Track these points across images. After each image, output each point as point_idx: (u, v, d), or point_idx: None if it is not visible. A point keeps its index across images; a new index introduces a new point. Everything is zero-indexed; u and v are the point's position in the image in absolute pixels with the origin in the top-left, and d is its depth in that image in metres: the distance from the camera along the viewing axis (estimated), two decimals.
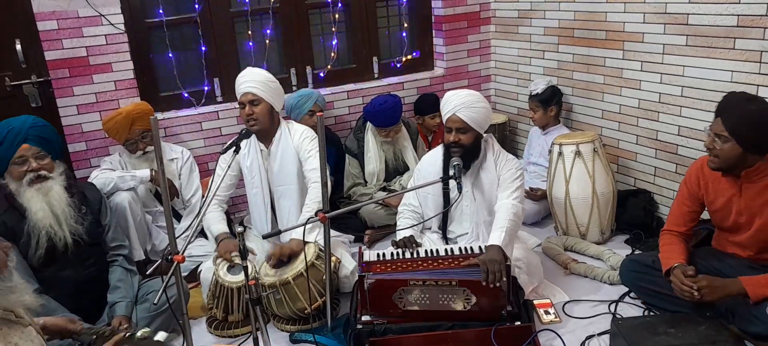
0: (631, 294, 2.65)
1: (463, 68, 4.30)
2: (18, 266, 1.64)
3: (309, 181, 2.78)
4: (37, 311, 1.66)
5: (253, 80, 2.78)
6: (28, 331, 1.56)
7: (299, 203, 2.86)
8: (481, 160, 2.70)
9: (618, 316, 2.51)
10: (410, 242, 2.60)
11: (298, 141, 2.86)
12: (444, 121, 2.65)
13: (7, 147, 2.31)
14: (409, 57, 4.26)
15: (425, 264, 2.42)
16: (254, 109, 2.77)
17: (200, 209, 2.28)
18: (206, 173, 3.59)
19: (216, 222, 2.79)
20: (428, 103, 3.92)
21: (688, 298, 2.18)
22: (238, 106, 2.85)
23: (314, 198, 2.68)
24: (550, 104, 3.62)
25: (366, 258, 2.51)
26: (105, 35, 3.29)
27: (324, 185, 2.31)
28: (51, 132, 2.43)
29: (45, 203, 2.32)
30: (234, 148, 2.41)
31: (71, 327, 1.99)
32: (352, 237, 3.32)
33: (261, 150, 2.88)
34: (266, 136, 2.87)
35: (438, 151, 2.79)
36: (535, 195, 3.47)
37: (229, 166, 2.76)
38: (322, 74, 3.98)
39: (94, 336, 1.96)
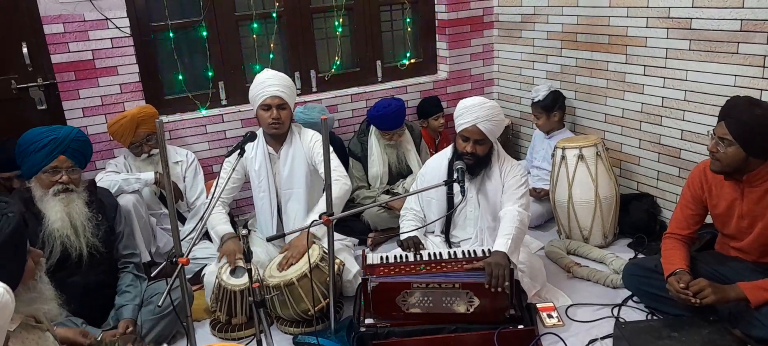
0: (634, 298, 2.65)
1: (466, 72, 4.31)
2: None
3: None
4: (56, 321, 1.67)
5: (281, 84, 2.76)
6: (46, 336, 1.57)
7: (306, 206, 2.87)
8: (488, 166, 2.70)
9: (621, 320, 2.51)
10: (415, 243, 2.61)
11: (309, 145, 2.86)
12: (459, 130, 2.60)
13: (45, 154, 2.28)
14: (412, 61, 4.27)
15: (428, 267, 2.43)
16: (281, 114, 2.76)
17: (204, 211, 2.29)
18: (211, 175, 3.60)
19: (220, 223, 2.79)
20: (431, 104, 3.94)
21: (688, 304, 2.19)
22: (260, 107, 2.78)
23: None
24: (553, 110, 3.62)
25: (369, 261, 2.52)
26: (111, 39, 3.31)
27: (329, 186, 2.32)
28: (88, 147, 2.44)
29: (64, 214, 2.30)
30: (239, 150, 2.42)
31: (81, 340, 2.00)
32: (355, 240, 3.33)
33: (269, 154, 2.88)
34: (278, 138, 2.87)
35: (443, 155, 2.79)
36: (537, 195, 3.48)
37: (233, 169, 2.76)
38: (326, 78, 4.00)
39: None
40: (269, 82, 2.77)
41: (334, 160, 2.77)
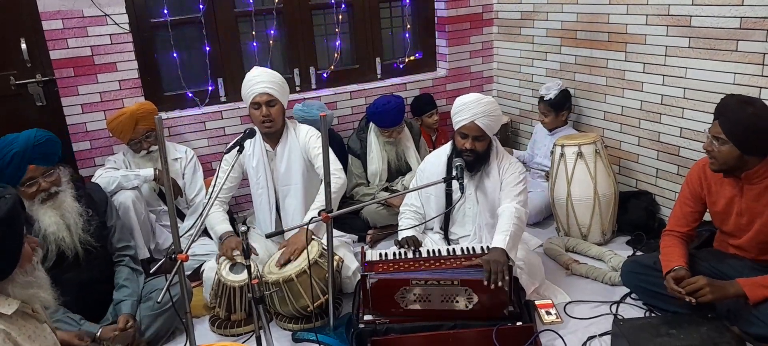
0: (633, 295, 2.65)
1: (465, 69, 4.31)
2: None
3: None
4: (53, 310, 1.68)
5: (270, 81, 2.76)
6: (43, 327, 1.58)
7: (304, 201, 2.87)
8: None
9: (619, 317, 2.51)
10: (413, 242, 2.61)
11: (305, 140, 2.87)
12: (457, 127, 2.61)
13: (14, 170, 2.18)
14: (411, 58, 4.27)
15: (427, 264, 2.43)
16: (271, 111, 2.76)
17: (203, 208, 2.29)
18: (210, 172, 3.60)
19: (219, 222, 2.79)
20: (424, 102, 3.94)
21: (683, 302, 2.20)
22: (251, 105, 2.79)
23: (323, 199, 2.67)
24: (562, 109, 3.61)
25: (368, 258, 2.52)
26: (110, 35, 3.31)
27: (327, 184, 2.32)
28: (53, 144, 2.29)
29: (58, 217, 2.28)
30: (238, 147, 2.42)
31: (77, 343, 2.00)
32: (355, 237, 3.33)
33: (267, 151, 2.88)
34: (273, 136, 2.87)
35: (441, 152, 2.79)
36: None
37: (232, 167, 2.76)
38: (325, 75, 4.00)
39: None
40: (256, 80, 2.76)
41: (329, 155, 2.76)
